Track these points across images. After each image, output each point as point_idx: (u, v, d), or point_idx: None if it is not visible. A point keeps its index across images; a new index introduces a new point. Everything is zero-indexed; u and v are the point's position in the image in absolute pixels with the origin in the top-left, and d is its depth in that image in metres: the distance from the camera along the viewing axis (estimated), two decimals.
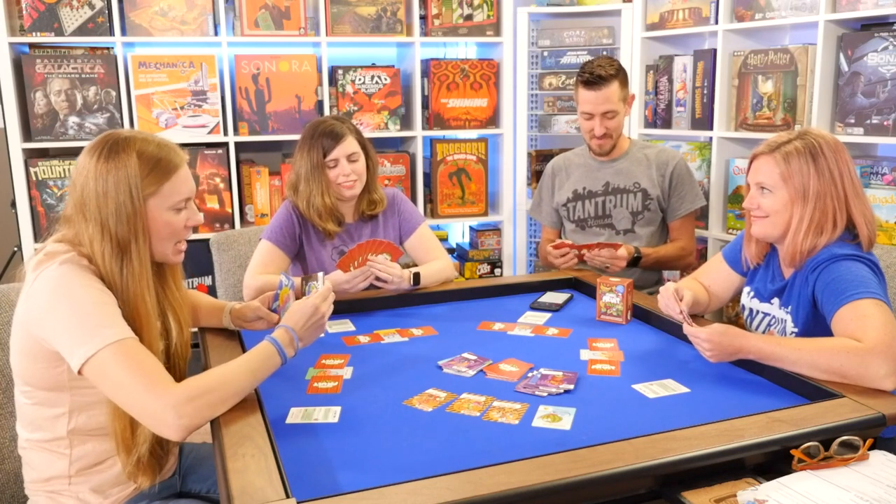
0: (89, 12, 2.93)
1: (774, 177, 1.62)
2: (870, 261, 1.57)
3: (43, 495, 1.41)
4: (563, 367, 1.61)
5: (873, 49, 2.52)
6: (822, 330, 1.55)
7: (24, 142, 2.93)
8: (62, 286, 1.28)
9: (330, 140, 2.12)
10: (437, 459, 1.22)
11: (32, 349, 1.32)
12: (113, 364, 1.25)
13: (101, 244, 1.33)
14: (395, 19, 3.28)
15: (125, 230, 1.33)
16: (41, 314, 1.29)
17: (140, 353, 1.29)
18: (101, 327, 1.26)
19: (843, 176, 1.60)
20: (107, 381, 1.27)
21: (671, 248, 2.51)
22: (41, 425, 1.39)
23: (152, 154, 1.37)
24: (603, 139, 2.47)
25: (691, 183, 2.53)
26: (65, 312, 1.27)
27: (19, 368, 1.38)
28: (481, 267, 3.54)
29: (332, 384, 1.54)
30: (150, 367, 1.28)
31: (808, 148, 1.59)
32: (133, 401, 1.26)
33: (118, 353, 1.26)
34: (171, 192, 1.39)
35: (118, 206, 1.33)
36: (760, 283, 1.78)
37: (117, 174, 1.33)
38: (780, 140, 1.64)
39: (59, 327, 1.27)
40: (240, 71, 3.13)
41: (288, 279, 1.65)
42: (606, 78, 2.39)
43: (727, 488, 1.15)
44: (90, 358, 1.25)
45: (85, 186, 1.34)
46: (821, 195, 1.58)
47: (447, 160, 3.44)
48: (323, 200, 2.14)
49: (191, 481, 1.61)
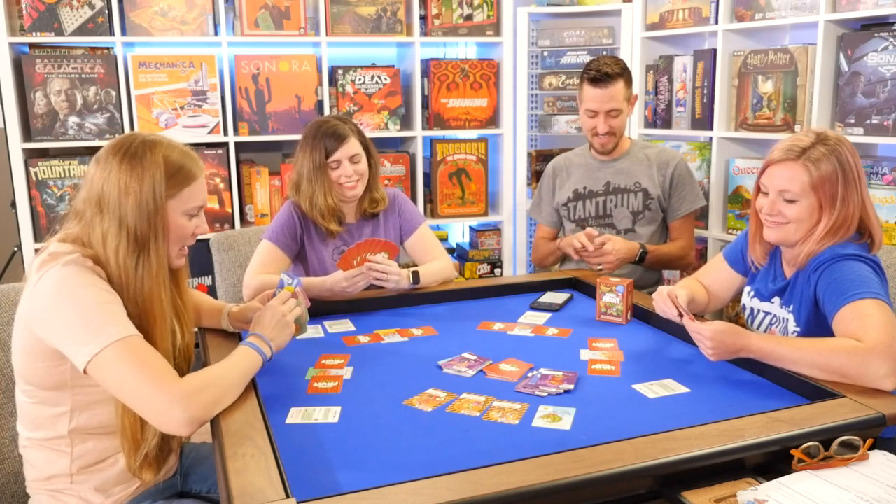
0: (89, 12, 2.93)
1: (803, 185, 1.57)
2: (872, 261, 1.57)
3: (45, 494, 1.41)
4: (563, 367, 1.61)
5: (873, 49, 2.52)
6: (824, 329, 1.55)
7: (24, 142, 2.93)
8: (66, 286, 1.28)
9: (333, 141, 2.12)
10: (437, 459, 1.22)
11: (35, 348, 1.33)
12: (118, 362, 1.26)
13: (117, 239, 1.34)
14: (395, 19, 3.28)
15: (145, 227, 1.35)
16: (45, 313, 1.29)
17: (145, 351, 1.29)
18: (106, 325, 1.27)
19: (862, 179, 1.59)
20: (112, 378, 1.27)
21: (673, 247, 2.52)
22: (42, 424, 1.39)
23: (177, 159, 1.40)
24: (606, 137, 2.47)
25: (692, 183, 2.53)
26: (69, 312, 1.27)
27: (21, 367, 1.38)
28: (481, 267, 3.55)
29: (332, 384, 1.54)
30: (156, 364, 1.28)
31: (834, 154, 1.56)
32: (139, 397, 1.27)
33: (123, 350, 1.26)
34: (189, 197, 1.42)
35: (140, 203, 1.34)
36: (761, 282, 1.78)
37: (143, 173, 1.35)
38: (802, 145, 1.59)
39: (63, 326, 1.27)
40: (240, 71, 3.13)
41: (291, 278, 1.66)
42: (613, 76, 2.39)
43: (727, 488, 1.15)
44: (95, 356, 1.25)
45: (107, 181, 1.35)
46: (846, 201, 1.57)
47: (447, 160, 3.45)
48: (326, 201, 2.14)
49: (191, 481, 1.61)
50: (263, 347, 1.47)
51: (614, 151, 2.54)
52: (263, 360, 1.47)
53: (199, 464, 1.64)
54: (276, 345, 1.50)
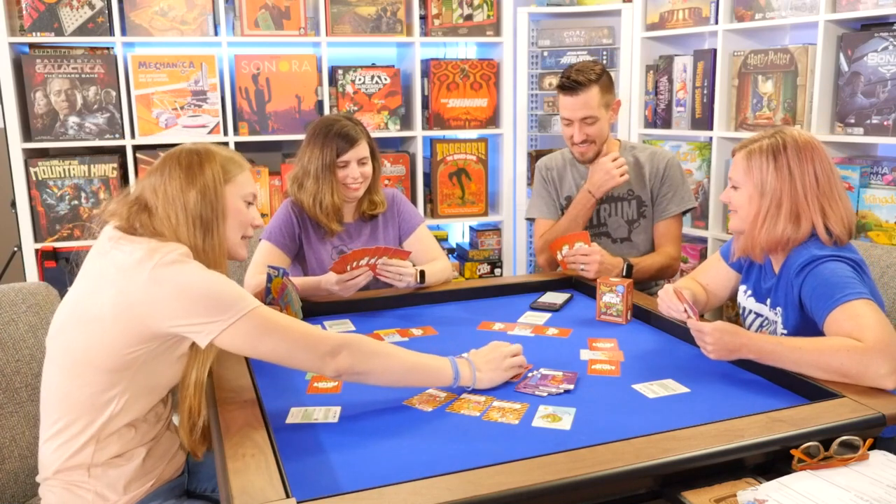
0: (89, 12, 2.93)
1: (740, 173, 1.70)
2: (851, 260, 1.58)
3: (59, 487, 1.41)
4: (563, 367, 1.61)
5: (873, 49, 2.52)
6: (810, 332, 1.56)
7: (24, 142, 2.93)
8: (191, 273, 1.35)
9: (345, 143, 2.13)
10: (437, 459, 1.22)
11: (130, 330, 1.34)
12: (260, 328, 1.35)
13: (185, 226, 1.43)
14: (395, 19, 3.28)
15: (209, 211, 1.45)
16: (167, 298, 1.32)
17: (277, 316, 1.40)
18: (237, 299, 1.35)
19: (804, 175, 1.63)
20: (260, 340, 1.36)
21: (658, 256, 2.41)
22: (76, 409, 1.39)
23: (227, 154, 1.54)
24: (584, 146, 2.39)
25: (682, 183, 2.46)
26: (199, 294, 1.34)
27: (86, 348, 1.37)
28: (481, 267, 3.55)
29: (332, 384, 1.54)
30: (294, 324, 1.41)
31: (771, 146, 1.66)
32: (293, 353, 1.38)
33: (260, 318, 1.36)
34: (244, 182, 1.53)
35: (204, 189, 1.45)
36: (756, 282, 1.79)
37: (202, 166, 1.47)
38: (753, 139, 1.71)
39: (192, 308, 1.32)
40: (240, 71, 3.13)
41: (276, 269, 1.66)
42: (584, 83, 2.31)
43: (727, 488, 1.15)
44: (232, 324, 1.32)
45: (169, 180, 1.44)
46: (777, 192, 1.63)
47: (447, 160, 3.45)
48: (332, 200, 2.15)
49: (197, 479, 1.62)
50: (463, 368, 1.49)
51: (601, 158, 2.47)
52: (452, 379, 1.48)
53: (203, 463, 1.64)
54: (480, 377, 1.50)
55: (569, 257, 2.23)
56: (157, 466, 1.47)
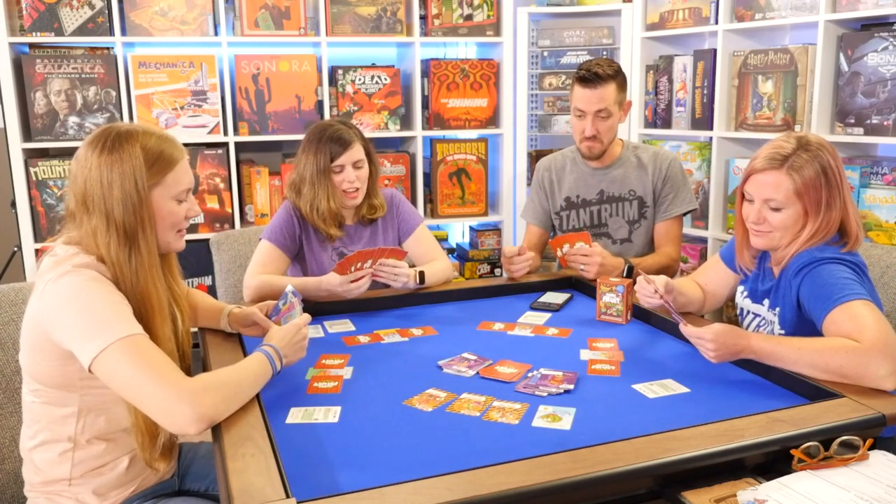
0: (89, 12, 2.93)
1: (787, 193, 1.59)
2: (852, 262, 1.58)
3: (42, 497, 1.41)
4: (563, 367, 1.61)
5: (873, 49, 2.52)
6: (807, 333, 1.56)
7: (24, 142, 2.94)
8: (76, 286, 1.29)
9: (338, 146, 2.12)
10: (437, 459, 1.22)
11: (44, 346, 1.33)
12: (124, 359, 1.25)
13: (107, 235, 1.34)
14: (395, 19, 3.28)
15: (132, 219, 1.35)
16: (55, 313, 1.29)
17: (151, 349, 1.29)
18: (112, 323, 1.27)
19: (844, 181, 1.60)
20: (118, 376, 1.26)
21: (658, 257, 2.41)
22: (47, 426, 1.39)
23: (155, 146, 1.39)
24: (592, 141, 2.39)
25: (684, 184, 2.45)
26: (77, 310, 1.28)
27: (29, 365, 1.38)
28: (481, 267, 3.55)
29: (332, 384, 1.54)
30: (162, 362, 1.28)
31: (817, 160, 1.58)
32: (146, 393, 1.26)
33: (129, 347, 1.26)
34: (174, 182, 1.41)
35: (124, 196, 1.34)
36: (753, 283, 1.79)
37: (122, 165, 1.34)
38: (784, 152, 1.60)
39: (72, 325, 1.28)
40: (240, 71, 3.13)
41: (295, 295, 1.67)
42: (604, 77, 2.33)
43: (727, 488, 1.15)
44: (101, 353, 1.24)
45: (88, 179, 1.35)
46: (830, 205, 1.59)
47: (447, 160, 3.45)
48: (328, 205, 2.14)
49: (188, 480, 1.61)
50: (276, 359, 1.46)
51: (606, 158, 2.45)
52: (273, 372, 1.46)
53: (196, 463, 1.64)
54: (287, 361, 1.50)
55: (569, 255, 2.23)
56: (144, 472, 1.46)
